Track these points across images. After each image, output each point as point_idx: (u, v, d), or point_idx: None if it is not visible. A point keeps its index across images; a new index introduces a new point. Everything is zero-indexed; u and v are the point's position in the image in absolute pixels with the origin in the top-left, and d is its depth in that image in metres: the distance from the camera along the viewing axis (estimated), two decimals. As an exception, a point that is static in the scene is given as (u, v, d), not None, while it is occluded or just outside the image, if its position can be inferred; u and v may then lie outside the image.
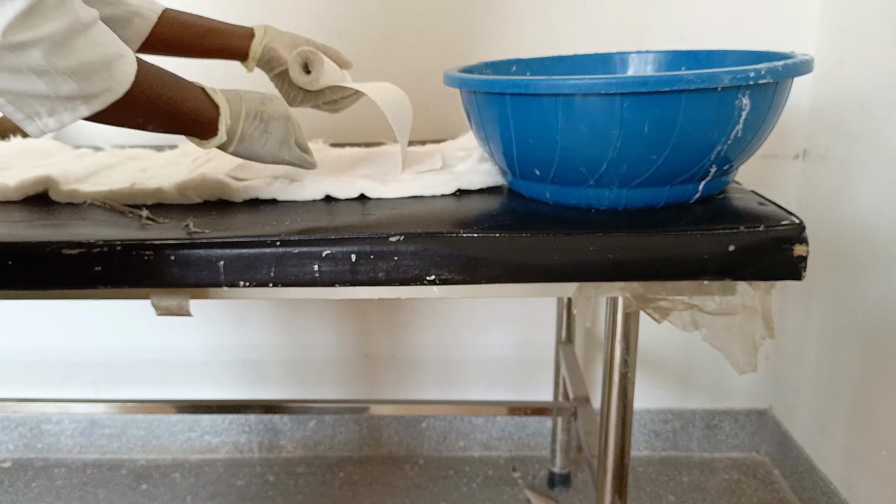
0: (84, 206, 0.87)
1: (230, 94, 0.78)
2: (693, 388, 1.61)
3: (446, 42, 1.38)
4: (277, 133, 0.81)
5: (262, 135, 0.80)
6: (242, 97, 0.79)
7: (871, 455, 1.23)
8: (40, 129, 0.64)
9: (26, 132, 0.65)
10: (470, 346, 1.59)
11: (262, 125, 0.79)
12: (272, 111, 0.80)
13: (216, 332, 1.60)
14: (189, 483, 1.57)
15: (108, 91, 0.64)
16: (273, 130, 0.80)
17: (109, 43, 0.64)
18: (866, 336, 1.24)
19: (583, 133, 0.71)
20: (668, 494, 1.50)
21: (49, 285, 0.74)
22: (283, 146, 0.82)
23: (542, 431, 1.64)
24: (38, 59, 0.58)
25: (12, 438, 1.68)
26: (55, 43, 0.59)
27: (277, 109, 0.81)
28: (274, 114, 0.80)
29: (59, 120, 0.64)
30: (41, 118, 0.63)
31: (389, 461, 1.63)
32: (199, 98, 0.76)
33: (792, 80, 0.74)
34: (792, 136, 1.41)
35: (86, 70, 0.62)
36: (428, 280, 0.73)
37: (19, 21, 0.56)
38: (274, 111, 0.81)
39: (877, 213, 1.19)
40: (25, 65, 0.58)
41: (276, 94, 0.83)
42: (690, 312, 0.78)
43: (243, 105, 0.78)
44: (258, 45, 0.97)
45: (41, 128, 0.64)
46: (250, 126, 0.79)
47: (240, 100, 0.79)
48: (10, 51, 0.57)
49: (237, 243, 0.72)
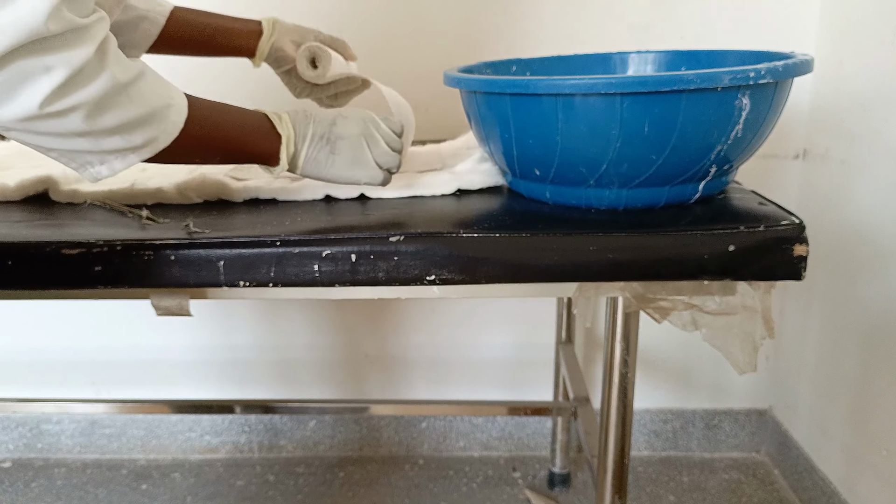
0: (84, 206, 0.87)
1: (298, 116, 0.76)
2: (693, 388, 1.61)
3: (446, 42, 1.38)
4: (346, 154, 0.77)
5: (329, 157, 0.77)
6: (312, 119, 0.77)
7: (871, 455, 1.23)
8: (94, 177, 0.66)
9: None
10: (470, 346, 1.59)
11: (329, 147, 0.76)
12: (342, 131, 0.77)
13: (215, 332, 1.60)
14: (189, 483, 1.57)
15: (154, 141, 0.65)
16: (342, 151, 0.77)
17: (153, 95, 0.64)
18: (866, 336, 1.24)
19: (583, 133, 0.71)
20: (668, 494, 1.50)
21: (49, 285, 0.74)
22: (354, 166, 0.77)
23: (542, 431, 1.64)
24: (77, 123, 0.59)
25: (12, 438, 1.68)
26: (94, 106, 0.59)
27: (349, 129, 0.77)
28: (343, 133, 0.77)
29: (111, 168, 0.66)
30: (93, 166, 0.65)
31: (389, 461, 1.63)
32: (260, 129, 0.74)
33: (792, 80, 0.74)
34: (792, 136, 1.41)
35: (128, 126, 0.62)
36: (428, 280, 0.73)
37: (56, 93, 0.56)
38: (344, 131, 0.77)
39: (877, 213, 1.19)
40: (66, 129, 0.59)
41: (355, 111, 0.79)
42: (690, 312, 0.78)
43: (310, 128, 0.76)
44: (265, 43, 0.97)
45: (95, 175, 0.66)
46: (314, 149, 0.76)
47: (308, 122, 0.76)
48: (49, 118, 0.58)
49: (237, 243, 0.72)
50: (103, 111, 0.60)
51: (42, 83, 0.56)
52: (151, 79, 0.65)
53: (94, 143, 0.62)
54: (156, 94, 0.65)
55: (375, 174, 0.79)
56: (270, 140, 0.75)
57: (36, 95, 0.56)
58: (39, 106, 0.56)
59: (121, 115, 0.61)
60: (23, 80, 0.55)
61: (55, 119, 0.58)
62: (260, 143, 0.75)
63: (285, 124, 0.75)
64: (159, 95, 0.65)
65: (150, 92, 0.64)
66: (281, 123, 0.75)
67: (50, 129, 0.59)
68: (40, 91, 0.56)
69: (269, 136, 0.75)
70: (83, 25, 0.57)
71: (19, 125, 0.58)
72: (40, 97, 0.56)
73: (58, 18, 0.54)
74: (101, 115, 0.60)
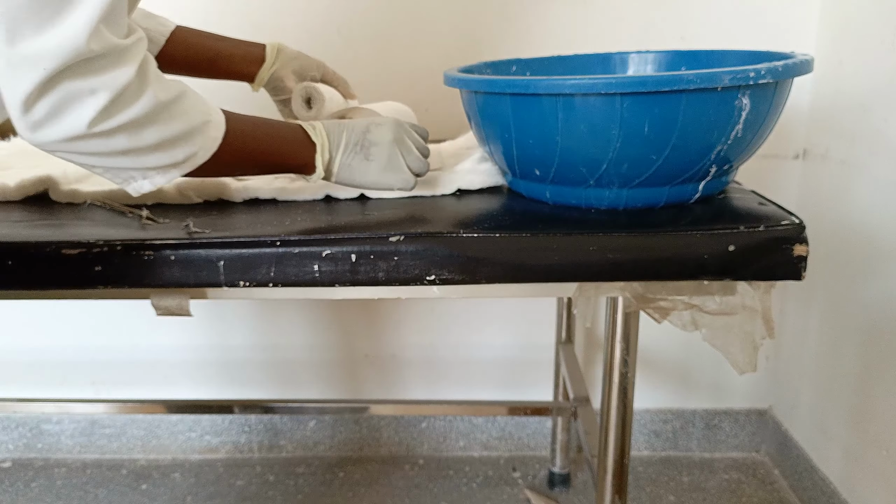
0: (84, 206, 0.87)
1: (332, 126, 0.79)
2: (693, 388, 1.61)
3: (446, 42, 1.38)
4: (380, 160, 0.79)
5: (363, 163, 0.79)
6: (345, 127, 0.79)
7: (871, 455, 1.23)
8: (137, 191, 0.68)
9: None
10: (470, 346, 1.59)
11: (363, 153, 0.78)
12: (375, 138, 0.79)
13: (215, 332, 1.60)
14: (189, 483, 1.57)
15: (194, 156, 0.67)
16: (376, 157, 0.79)
17: (193, 112, 0.66)
18: (866, 336, 1.24)
19: (583, 133, 0.71)
20: (668, 494, 1.50)
21: (49, 285, 0.74)
22: (388, 172, 0.79)
23: (542, 431, 1.64)
24: (122, 142, 0.61)
25: (12, 438, 1.68)
26: (137, 125, 0.61)
27: (382, 136, 0.79)
28: (377, 140, 0.79)
29: (153, 182, 0.68)
30: (136, 181, 0.67)
31: (389, 461, 1.63)
32: (296, 139, 0.77)
33: (792, 80, 0.74)
34: (792, 136, 1.41)
35: (169, 143, 0.65)
36: (428, 280, 0.73)
37: (102, 114, 0.58)
38: (378, 138, 0.79)
39: (877, 213, 1.19)
40: (111, 148, 0.61)
41: (387, 119, 0.81)
42: (690, 312, 0.78)
43: (343, 135, 0.78)
44: (265, 72, 0.98)
45: (137, 189, 0.68)
46: (349, 156, 0.78)
47: (342, 130, 0.78)
48: (95, 138, 0.60)
49: (237, 243, 0.72)
50: (145, 129, 0.62)
51: (88, 105, 0.58)
52: (191, 96, 0.67)
53: (137, 161, 0.64)
54: (195, 111, 0.67)
55: (408, 179, 0.81)
56: (306, 149, 0.77)
57: (83, 117, 0.58)
58: (87, 126, 0.58)
59: (162, 133, 0.63)
60: (69, 101, 0.57)
61: (101, 139, 0.60)
62: (296, 152, 0.77)
63: (319, 133, 0.77)
64: (198, 112, 0.67)
65: (189, 109, 0.66)
66: (315, 132, 0.77)
67: (95, 149, 0.61)
68: (87, 112, 0.58)
69: (305, 145, 0.77)
70: (124, 46, 0.59)
71: (65, 146, 0.60)
72: (87, 118, 0.58)
73: (99, 39, 0.56)
74: (143, 133, 0.62)
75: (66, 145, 0.60)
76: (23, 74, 0.55)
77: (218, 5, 1.36)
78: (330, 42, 1.38)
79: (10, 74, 0.55)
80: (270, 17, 1.37)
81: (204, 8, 1.36)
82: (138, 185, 0.68)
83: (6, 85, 0.56)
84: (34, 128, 0.58)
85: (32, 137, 0.59)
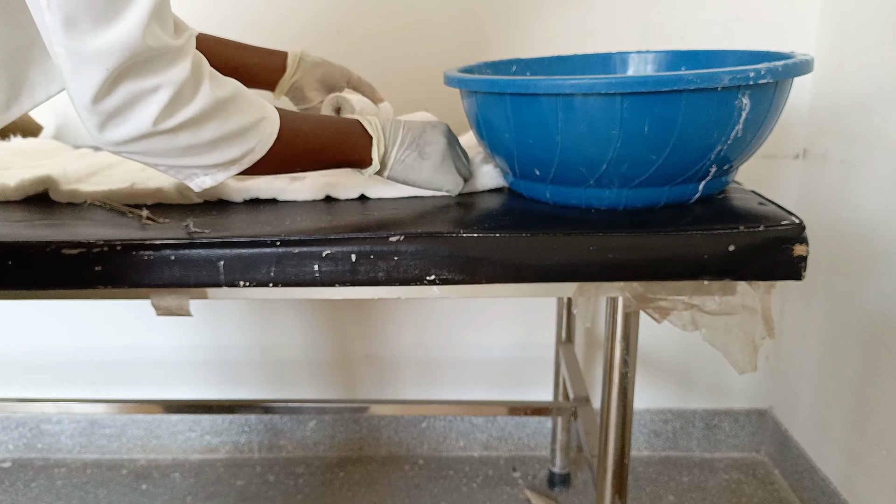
0: (84, 206, 0.87)
1: (389, 122, 0.80)
2: (693, 388, 1.61)
3: (446, 42, 1.38)
4: (434, 159, 0.81)
5: (417, 161, 0.81)
6: (402, 125, 0.81)
7: (871, 455, 1.23)
8: (199, 186, 0.70)
9: None
10: (470, 346, 1.59)
11: (418, 151, 0.80)
12: (431, 138, 0.81)
13: (215, 332, 1.60)
14: (189, 483, 1.57)
15: (251, 152, 0.69)
16: (430, 156, 0.81)
17: (249, 110, 0.67)
18: (866, 336, 1.24)
19: (583, 133, 0.71)
20: (668, 494, 1.50)
21: (49, 285, 0.74)
22: (439, 172, 0.82)
23: (542, 431, 1.64)
24: (184, 140, 0.63)
25: (12, 438, 1.68)
26: (197, 122, 0.63)
27: (437, 137, 0.81)
28: (432, 140, 0.81)
29: (215, 178, 0.69)
30: (198, 177, 0.69)
31: (389, 461, 1.63)
32: (352, 133, 0.78)
33: (792, 80, 0.74)
34: (792, 136, 1.41)
35: (227, 139, 0.66)
36: (428, 280, 0.73)
37: (165, 112, 0.60)
38: (433, 138, 0.81)
39: (877, 213, 1.19)
40: (174, 145, 0.63)
41: (441, 123, 0.84)
42: (690, 312, 0.78)
43: (400, 132, 0.80)
44: (286, 81, 0.98)
45: (199, 185, 0.70)
46: (404, 152, 0.80)
47: (398, 127, 0.80)
48: (159, 136, 0.61)
49: (237, 243, 0.72)
50: (204, 126, 0.63)
51: (152, 102, 0.59)
52: (245, 93, 0.68)
53: (198, 159, 0.66)
54: (251, 107, 0.68)
55: (458, 181, 0.84)
56: (362, 141, 0.78)
57: (148, 114, 0.59)
58: (153, 124, 0.60)
59: (220, 129, 0.65)
60: (134, 100, 0.58)
61: (165, 136, 0.62)
62: (353, 145, 0.78)
63: (375, 127, 0.79)
64: (254, 109, 0.68)
65: (245, 106, 0.67)
66: (371, 126, 0.79)
67: (160, 147, 0.63)
68: (152, 110, 0.59)
69: (361, 139, 0.78)
70: (178, 44, 0.60)
71: (132, 145, 0.61)
72: (153, 116, 0.59)
73: (154, 36, 0.57)
74: (203, 130, 0.63)
75: (132, 145, 0.61)
76: (86, 73, 0.56)
77: (218, 5, 1.36)
78: (330, 42, 1.38)
79: (75, 73, 0.56)
80: (271, 18, 1.37)
81: (204, 8, 1.36)
82: (200, 181, 0.69)
83: (72, 85, 0.57)
84: (102, 127, 0.59)
85: (100, 137, 0.60)
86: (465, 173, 0.85)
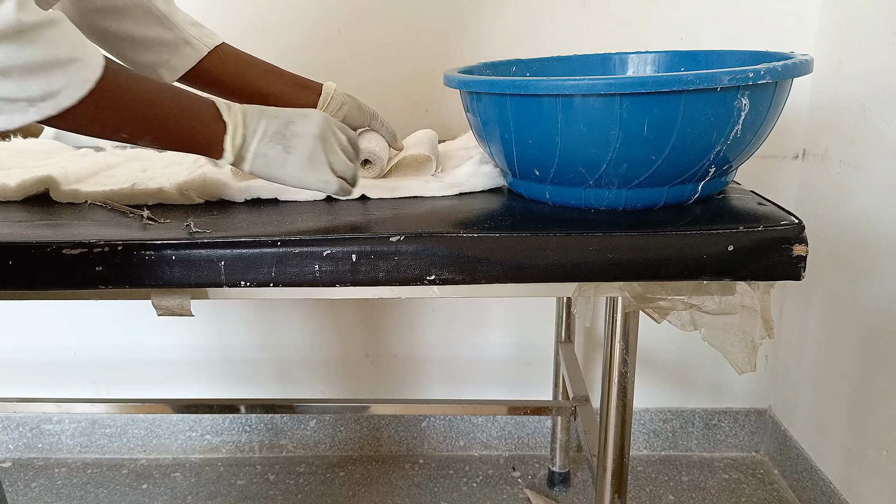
0: (85, 207, 0.87)
1: (251, 110, 0.73)
2: (692, 387, 1.61)
3: (446, 42, 1.38)
4: (300, 154, 0.73)
5: (281, 155, 0.73)
6: (266, 114, 0.73)
7: (871, 455, 1.23)
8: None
9: None
10: (470, 345, 1.59)
11: (282, 144, 0.72)
12: (299, 129, 0.73)
13: (215, 332, 1.60)
14: (190, 482, 1.58)
15: (55, 96, 0.60)
16: (296, 150, 0.73)
17: (59, 45, 0.59)
18: (866, 336, 1.24)
19: (582, 133, 0.71)
20: (667, 494, 1.51)
21: (50, 285, 0.74)
22: (308, 169, 0.73)
23: (541, 431, 1.64)
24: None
25: (12, 438, 1.68)
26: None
27: (307, 129, 0.73)
28: (300, 132, 0.73)
29: (9, 120, 0.60)
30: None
31: (390, 460, 1.63)
32: (202, 113, 0.70)
33: (791, 80, 0.74)
34: (791, 136, 1.41)
35: (23, 72, 0.57)
36: (428, 280, 0.73)
37: None
38: (302, 130, 0.73)
39: (876, 213, 1.19)
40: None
41: (316, 112, 0.76)
42: (689, 312, 0.79)
43: (262, 123, 0.72)
44: None
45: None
46: (266, 145, 0.72)
47: (261, 117, 0.73)
48: None
49: (238, 243, 0.72)
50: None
51: None
52: (65, 28, 0.60)
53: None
54: (63, 44, 0.59)
55: (330, 180, 0.75)
56: (213, 127, 0.71)
57: None
58: None
59: (13, 56, 0.56)
60: None
61: None
62: (200, 128, 0.70)
63: (234, 114, 0.72)
64: (68, 48, 0.60)
65: (55, 40, 0.59)
66: (229, 112, 0.71)
67: None
68: None
69: (212, 123, 0.71)
70: None
71: None
72: None
73: None
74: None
75: None
76: None
77: (219, 6, 1.36)
78: (330, 42, 1.38)
79: None
80: (271, 18, 1.37)
81: (204, 8, 1.35)
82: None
83: None
84: None
85: None
86: (342, 170, 0.76)
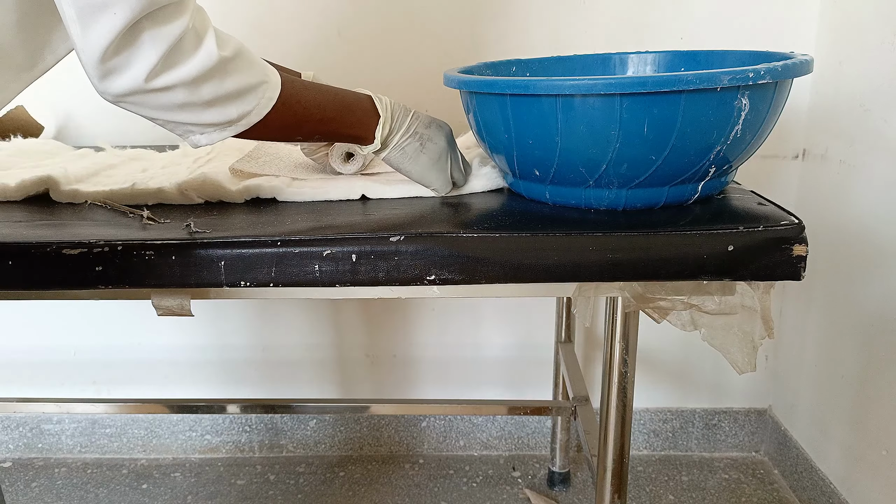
0: (85, 207, 0.87)
1: (399, 108, 0.81)
2: (692, 387, 1.61)
3: (446, 42, 1.38)
4: (432, 155, 0.82)
5: (416, 152, 0.82)
6: (412, 115, 0.82)
7: (871, 455, 1.23)
8: (195, 144, 0.69)
9: None
10: (470, 345, 1.59)
11: (419, 143, 0.82)
12: (433, 136, 0.83)
13: (215, 332, 1.60)
14: (190, 482, 1.58)
15: (248, 115, 0.68)
16: (429, 151, 0.82)
17: (249, 71, 0.66)
18: (866, 336, 1.24)
19: (582, 134, 0.71)
20: (667, 494, 1.51)
21: (50, 285, 0.74)
22: (432, 169, 0.83)
23: (541, 431, 1.64)
24: (180, 97, 0.62)
25: (12, 438, 1.68)
26: (194, 81, 0.62)
27: (439, 137, 0.83)
28: (434, 138, 0.82)
29: (210, 138, 0.69)
30: (193, 135, 0.68)
31: (390, 460, 1.63)
32: (358, 110, 0.78)
33: (791, 80, 0.74)
34: (791, 136, 1.41)
35: (224, 100, 0.65)
36: (428, 280, 0.73)
37: (159, 68, 0.59)
38: (436, 136, 0.83)
39: (876, 213, 1.19)
40: (170, 102, 0.63)
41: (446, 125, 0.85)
42: (689, 312, 0.79)
43: (408, 120, 0.81)
44: None
45: (195, 142, 0.69)
46: (406, 140, 0.81)
47: (407, 115, 0.81)
48: (153, 93, 0.61)
49: (238, 243, 0.72)
50: (202, 86, 0.63)
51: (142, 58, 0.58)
52: (247, 55, 0.67)
53: (193, 116, 0.65)
54: (252, 70, 0.67)
55: (448, 183, 0.85)
56: (367, 119, 0.79)
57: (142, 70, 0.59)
58: (145, 80, 0.59)
59: (217, 89, 0.64)
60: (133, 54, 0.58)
61: (159, 94, 0.61)
62: (358, 120, 0.78)
63: (386, 107, 0.80)
64: (255, 72, 0.67)
65: (245, 68, 0.66)
66: (382, 105, 0.79)
67: (155, 103, 0.62)
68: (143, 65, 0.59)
69: (367, 116, 0.79)
70: None
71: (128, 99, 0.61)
72: (145, 70, 0.59)
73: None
74: (200, 89, 0.63)
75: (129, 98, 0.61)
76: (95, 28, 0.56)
77: (218, 6, 1.36)
78: (330, 42, 1.38)
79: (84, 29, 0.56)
80: (271, 18, 1.37)
81: (204, 8, 1.35)
82: (196, 139, 0.69)
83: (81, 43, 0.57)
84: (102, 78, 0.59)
85: (99, 86, 0.60)
86: (457, 178, 0.86)
